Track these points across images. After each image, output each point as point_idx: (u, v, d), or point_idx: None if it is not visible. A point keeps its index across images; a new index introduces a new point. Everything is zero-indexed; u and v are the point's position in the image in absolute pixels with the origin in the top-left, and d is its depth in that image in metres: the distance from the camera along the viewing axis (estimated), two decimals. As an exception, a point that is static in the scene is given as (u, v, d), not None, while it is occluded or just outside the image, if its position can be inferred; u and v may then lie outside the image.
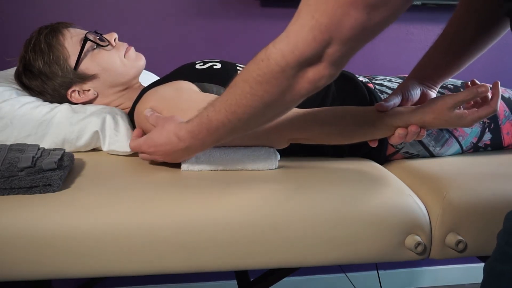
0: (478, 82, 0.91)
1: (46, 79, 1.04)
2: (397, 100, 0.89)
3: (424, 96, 0.93)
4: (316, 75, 0.65)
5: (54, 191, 0.75)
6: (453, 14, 0.92)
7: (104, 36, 1.08)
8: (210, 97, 0.94)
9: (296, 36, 0.63)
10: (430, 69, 0.93)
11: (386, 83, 1.10)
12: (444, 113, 0.84)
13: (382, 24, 0.63)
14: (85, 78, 1.05)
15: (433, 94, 0.95)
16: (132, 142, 0.90)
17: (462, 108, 0.86)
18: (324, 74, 0.65)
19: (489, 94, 0.86)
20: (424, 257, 0.81)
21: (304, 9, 0.62)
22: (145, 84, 1.13)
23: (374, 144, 0.89)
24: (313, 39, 0.61)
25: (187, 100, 0.92)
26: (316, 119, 0.89)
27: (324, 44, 0.62)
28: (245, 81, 0.69)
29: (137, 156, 0.99)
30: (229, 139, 0.80)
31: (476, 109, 0.86)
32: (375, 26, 0.62)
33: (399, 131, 0.85)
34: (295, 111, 0.92)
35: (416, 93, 0.93)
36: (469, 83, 0.93)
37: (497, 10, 0.87)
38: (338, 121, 0.88)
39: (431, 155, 1.05)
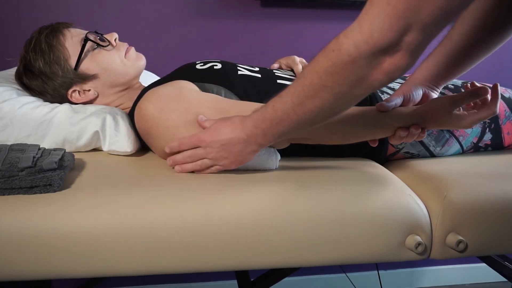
0: (478, 84, 0.91)
1: (46, 79, 1.04)
2: (398, 100, 0.89)
3: (425, 97, 0.93)
4: (392, 66, 0.62)
5: (54, 191, 0.75)
6: (458, 17, 0.92)
7: (104, 36, 1.08)
8: (211, 96, 0.94)
9: (370, 25, 0.60)
10: (433, 70, 0.93)
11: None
12: (444, 114, 0.84)
13: (462, 4, 0.59)
14: (85, 78, 1.05)
15: (434, 95, 0.95)
16: (184, 138, 0.86)
17: (462, 110, 0.86)
18: (401, 64, 0.62)
19: (489, 96, 0.86)
20: (425, 257, 0.81)
21: None
22: (146, 84, 1.13)
23: (374, 144, 0.89)
24: (390, 27, 0.58)
25: (188, 99, 0.92)
26: None
27: (402, 31, 0.59)
28: (314, 72, 0.67)
29: (137, 156, 1.00)
30: (290, 135, 0.77)
31: (476, 110, 0.86)
32: (456, 8, 0.59)
33: (400, 132, 0.85)
34: None
35: (418, 94, 0.93)
36: (469, 85, 0.93)
37: (503, 14, 0.86)
38: (339, 121, 0.88)
39: (432, 155, 1.05)
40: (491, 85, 1.14)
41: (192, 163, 0.85)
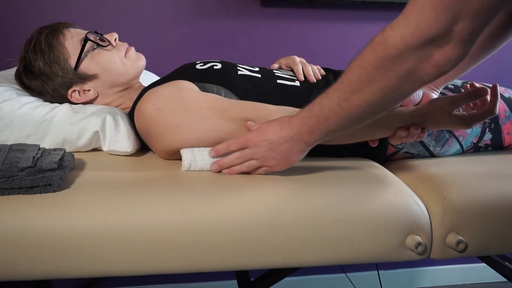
0: (478, 85, 0.91)
1: (46, 79, 1.04)
2: None
3: (425, 98, 0.93)
4: (442, 58, 0.60)
5: (54, 191, 0.75)
6: None
7: (104, 36, 1.08)
8: (211, 96, 0.94)
9: (416, 16, 0.58)
10: None
11: None
12: (444, 115, 0.84)
13: None
14: (85, 78, 1.05)
15: (434, 95, 0.95)
16: (232, 139, 0.85)
17: (461, 110, 0.86)
18: (452, 56, 0.59)
19: (488, 97, 0.86)
20: (425, 257, 0.81)
21: None
22: (146, 84, 1.13)
23: (374, 144, 0.89)
24: (436, 17, 0.57)
25: (188, 99, 0.92)
26: None
27: (451, 21, 0.56)
28: (361, 67, 0.66)
29: (137, 156, 1.00)
30: (337, 133, 0.76)
31: (475, 111, 0.86)
32: None
33: (400, 132, 0.85)
34: (294, 110, 0.92)
35: (418, 95, 0.93)
36: (469, 85, 0.93)
37: (504, 19, 0.86)
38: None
39: (432, 155, 1.05)
40: (490, 86, 1.14)
41: (240, 165, 0.85)
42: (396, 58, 0.62)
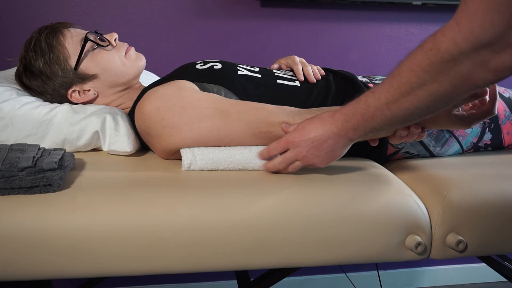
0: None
1: (46, 79, 1.04)
2: None
3: None
4: (500, 64, 0.58)
5: (54, 191, 0.75)
6: None
7: (104, 36, 1.08)
8: (211, 96, 0.94)
9: (469, 21, 0.57)
10: None
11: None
12: (443, 115, 0.85)
13: None
14: (85, 78, 1.05)
15: None
16: (272, 144, 0.85)
17: (460, 110, 0.86)
18: (510, 62, 0.58)
19: (487, 97, 0.86)
20: (425, 257, 0.81)
21: None
22: (146, 84, 1.13)
23: (374, 144, 0.89)
24: (491, 21, 0.55)
25: (187, 98, 0.92)
26: None
27: (506, 25, 0.55)
28: (412, 70, 0.66)
29: (137, 156, 1.00)
30: (382, 131, 0.76)
31: (474, 111, 0.86)
32: None
33: (400, 131, 0.85)
34: (294, 110, 0.92)
35: None
36: None
37: None
38: None
39: (432, 155, 1.05)
40: (489, 86, 1.14)
41: (284, 170, 0.85)
42: (449, 63, 0.61)
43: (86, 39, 1.04)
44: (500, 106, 1.07)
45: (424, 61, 0.63)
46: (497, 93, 0.86)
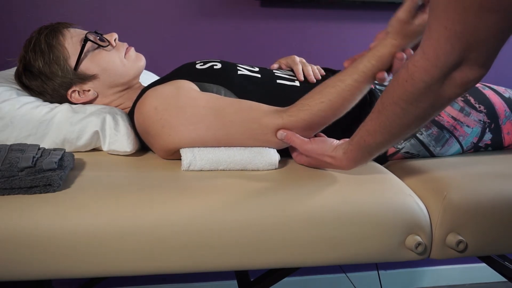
0: None
1: (46, 79, 1.04)
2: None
3: None
4: (465, 79, 0.66)
5: (54, 191, 0.75)
6: None
7: (104, 36, 1.08)
8: (209, 95, 0.94)
9: (434, 50, 0.64)
10: None
11: (386, 83, 1.10)
12: (407, 28, 0.86)
13: None
14: (85, 78, 1.05)
15: None
16: (297, 158, 0.94)
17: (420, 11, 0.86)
18: (473, 76, 0.66)
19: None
20: (425, 257, 0.81)
21: (434, 23, 0.63)
22: (146, 84, 1.13)
23: (382, 75, 0.89)
24: (452, 48, 0.62)
25: (184, 98, 0.92)
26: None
27: (465, 49, 0.62)
28: (394, 104, 0.73)
29: (137, 156, 1.00)
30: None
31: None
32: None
33: (397, 56, 0.87)
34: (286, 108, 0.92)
35: None
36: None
37: None
38: (323, 97, 0.90)
39: (432, 155, 1.05)
40: (490, 85, 1.14)
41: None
42: (425, 89, 0.68)
43: (86, 39, 1.04)
44: (500, 106, 1.07)
45: (404, 93, 0.71)
46: None
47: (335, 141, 0.90)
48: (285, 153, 0.96)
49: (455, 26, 0.61)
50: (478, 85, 1.10)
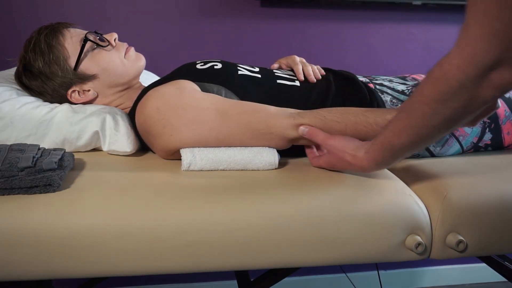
0: None
1: (46, 79, 1.04)
2: None
3: None
4: (503, 81, 0.63)
5: (54, 191, 0.75)
6: None
7: (104, 36, 1.08)
8: (211, 97, 0.94)
9: (471, 47, 0.62)
10: None
11: (386, 83, 1.10)
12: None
13: None
14: (85, 78, 1.05)
15: None
16: (315, 162, 0.92)
17: None
18: (511, 78, 0.63)
19: None
20: (425, 257, 0.81)
21: (471, 19, 0.61)
22: (146, 84, 1.13)
23: None
24: (490, 46, 0.60)
25: (187, 99, 0.92)
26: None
27: (504, 48, 0.60)
28: (424, 103, 0.69)
29: (137, 156, 1.00)
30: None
31: None
32: None
33: None
34: (295, 112, 0.92)
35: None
36: None
37: None
38: (341, 118, 0.89)
39: (432, 155, 1.05)
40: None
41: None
42: (458, 89, 0.65)
43: (85, 39, 1.04)
44: (500, 106, 1.07)
45: (434, 92, 0.67)
46: None
47: (359, 141, 0.87)
48: (285, 153, 0.96)
49: (494, 23, 0.58)
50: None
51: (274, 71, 1.11)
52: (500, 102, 1.08)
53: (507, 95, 1.12)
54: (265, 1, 1.59)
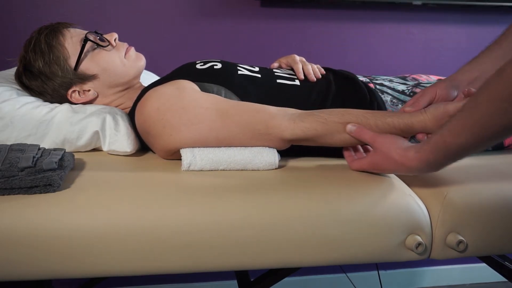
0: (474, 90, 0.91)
1: (46, 79, 1.04)
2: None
3: (458, 99, 0.93)
4: None
5: (54, 191, 0.75)
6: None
7: (104, 36, 1.08)
8: (211, 97, 0.94)
9: None
10: (475, 74, 0.92)
11: (386, 83, 1.10)
12: (446, 121, 0.84)
13: None
14: (85, 78, 1.05)
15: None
16: (354, 165, 0.90)
17: None
18: None
19: None
20: (425, 257, 0.81)
21: None
22: (146, 85, 1.13)
23: None
24: None
25: (187, 99, 0.92)
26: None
27: None
28: (492, 102, 0.64)
29: (137, 156, 1.00)
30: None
31: None
32: None
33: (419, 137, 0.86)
34: (296, 113, 0.92)
35: (452, 95, 0.92)
36: (466, 91, 0.93)
37: None
38: (342, 119, 0.89)
39: (432, 155, 1.05)
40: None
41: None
42: None
43: (85, 39, 1.04)
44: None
45: (504, 90, 0.62)
46: None
47: (408, 141, 0.84)
48: (285, 153, 0.96)
49: None
50: (478, 85, 1.10)
51: (274, 70, 1.11)
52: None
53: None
54: (265, 1, 1.59)
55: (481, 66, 0.92)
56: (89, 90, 1.06)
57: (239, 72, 1.05)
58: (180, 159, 0.89)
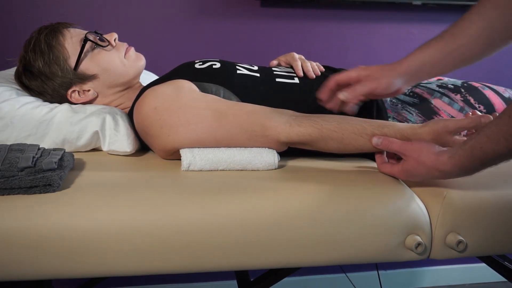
0: (479, 113, 0.90)
1: (46, 79, 1.04)
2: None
3: (398, 91, 0.92)
4: None
5: (54, 191, 0.75)
6: (465, 16, 0.88)
7: (104, 36, 1.08)
8: (209, 97, 0.94)
9: None
10: (425, 65, 0.91)
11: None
12: (444, 137, 0.84)
13: None
14: (85, 78, 1.05)
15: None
16: (384, 168, 0.88)
17: (462, 135, 0.86)
18: None
19: None
20: (425, 257, 0.81)
21: None
22: (146, 85, 1.13)
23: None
24: None
25: (185, 99, 0.92)
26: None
27: None
28: None
29: (137, 156, 1.00)
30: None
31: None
32: None
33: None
34: (293, 115, 0.92)
35: (396, 85, 0.91)
36: (470, 113, 0.92)
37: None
38: (338, 127, 0.88)
39: (431, 155, 1.05)
40: (490, 85, 1.14)
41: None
42: None
43: (85, 39, 1.04)
44: (499, 106, 1.07)
45: None
46: None
47: (439, 146, 0.81)
48: (285, 153, 0.96)
49: None
50: (477, 85, 1.10)
51: (273, 69, 1.11)
52: (500, 102, 1.08)
53: (506, 95, 1.12)
54: (265, 1, 1.59)
55: (431, 57, 0.90)
56: (89, 90, 1.06)
57: (238, 72, 1.05)
58: (180, 159, 0.89)
